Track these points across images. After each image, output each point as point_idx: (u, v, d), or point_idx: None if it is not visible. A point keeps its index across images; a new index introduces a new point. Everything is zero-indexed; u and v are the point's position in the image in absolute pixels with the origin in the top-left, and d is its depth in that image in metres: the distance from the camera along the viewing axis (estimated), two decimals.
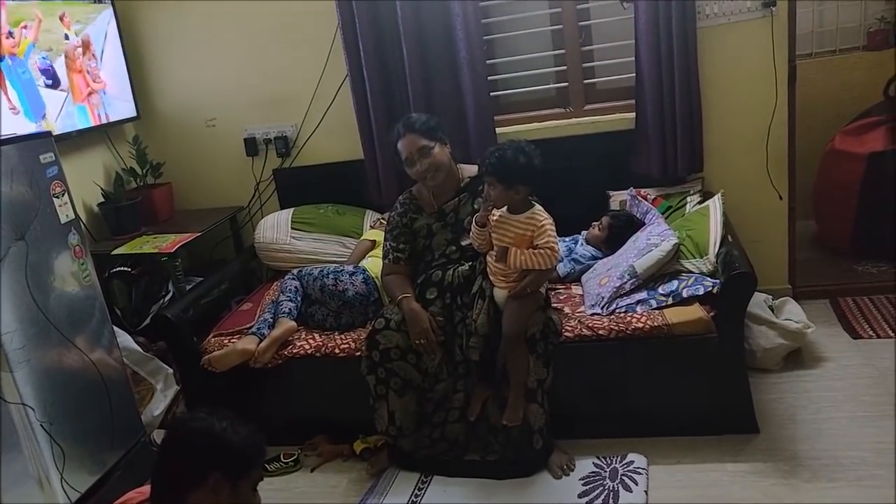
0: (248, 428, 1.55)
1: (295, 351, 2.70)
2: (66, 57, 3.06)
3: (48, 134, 2.39)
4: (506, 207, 2.39)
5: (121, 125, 3.48)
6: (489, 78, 3.19)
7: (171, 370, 2.88)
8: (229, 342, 2.77)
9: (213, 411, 1.56)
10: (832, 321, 3.11)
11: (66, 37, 3.09)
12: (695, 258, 2.60)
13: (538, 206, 2.39)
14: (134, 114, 3.48)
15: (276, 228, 3.30)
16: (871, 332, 2.97)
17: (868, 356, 2.81)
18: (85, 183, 3.24)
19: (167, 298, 3.18)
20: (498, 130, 3.21)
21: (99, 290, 2.49)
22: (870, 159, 3.50)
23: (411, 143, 2.51)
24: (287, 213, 3.36)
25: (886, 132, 3.56)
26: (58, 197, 2.32)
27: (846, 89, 3.90)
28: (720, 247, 2.59)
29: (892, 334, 2.93)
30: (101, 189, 3.30)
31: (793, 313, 2.87)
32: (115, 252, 3.09)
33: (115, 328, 2.63)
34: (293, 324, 2.75)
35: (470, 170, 2.65)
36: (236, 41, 3.43)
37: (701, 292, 2.47)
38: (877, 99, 3.67)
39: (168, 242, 3.08)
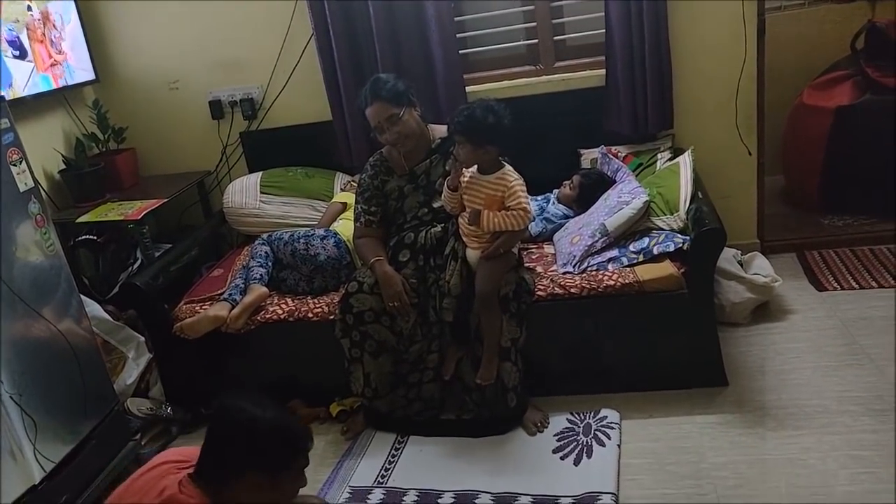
0: (293, 421, 1.60)
1: (268, 316, 2.69)
2: (27, 28, 2.99)
3: (1, 98, 2.30)
4: (476, 168, 2.37)
5: (80, 88, 3.37)
6: (458, 35, 3.13)
7: (142, 338, 2.86)
8: (201, 309, 2.74)
9: (259, 401, 1.57)
10: (799, 274, 3.17)
11: (29, 8, 3.02)
12: (665, 215, 2.62)
13: (508, 167, 2.38)
14: (93, 76, 3.37)
15: (244, 193, 3.25)
16: (835, 285, 3.04)
17: (832, 308, 2.88)
18: (44, 150, 3.15)
19: (135, 266, 3.13)
20: (468, 89, 3.17)
21: (64, 260, 2.44)
22: (837, 113, 3.52)
23: (379, 111, 2.45)
24: (256, 177, 3.31)
25: (853, 86, 3.58)
26: (15, 165, 2.24)
27: (815, 42, 3.90)
28: (690, 203, 2.61)
29: (855, 286, 3.00)
30: (62, 156, 3.21)
31: (761, 268, 2.91)
32: (80, 220, 3.02)
33: (84, 297, 2.58)
34: (265, 290, 2.73)
35: (441, 130, 2.62)
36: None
37: (671, 249, 2.49)
38: (844, 52, 3.68)
39: (134, 209, 3.02)
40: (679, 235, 2.53)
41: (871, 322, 2.73)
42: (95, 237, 3.12)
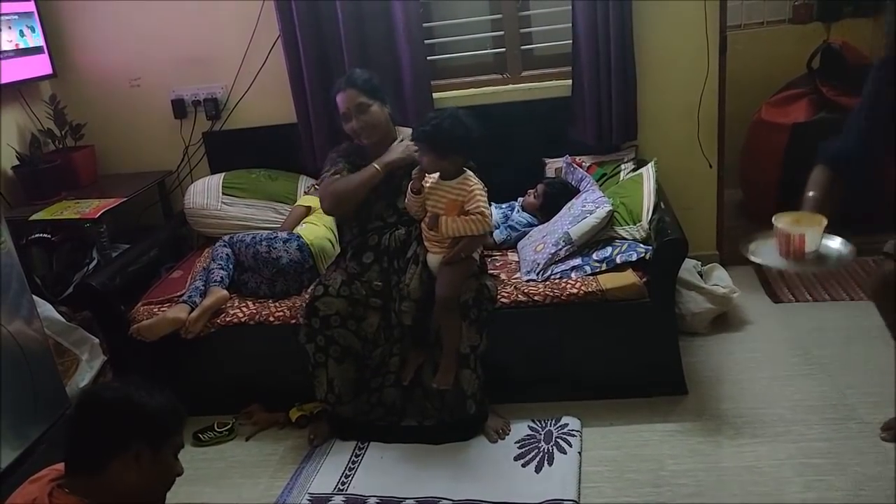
0: (166, 394, 1.53)
1: (228, 319, 2.64)
2: None
3: None
4: (438, 174, 2.38)
5: (35, 83, 3.28)
6: (426, 42, 3.14)
7: (97, 340, 2.78)
8: (159, 311, 2.69)
9: (127, 381, 1.53)
10: (756, 286, 3.24)
11: None
12: (628, 225, 2.65)
13: (469, 172, 2.39)
14: (50, 71, 3.28)
15: (206, 194, 3.20)
16: (790, 297, 3.11)
17: (787, 319, 2.95)
18: None
19: (91, 266, 3.05)
20: (435, 95, 3.17)
21: (16, 258, 2.36)
22: (794, 130, 3.62)
23: (350, 98, 2.46)
24: (218, 178, 3.26)
25: (809, 103, 3.69)
26: None
27: (773, 61, 4.01)
28: (653, 214, 2.65)
29: (809, 298, 3.07)
30: (16, 151, 3.12)
31: (720, 279, 2.97)
32: (33, 218, 2.94)
33: (36, 298, 2.51)
34: (225, 293, 2.69)
35: (407, 132, 2.61)
36: None
37: (634, 258, 2.52)
38: (801, 71, 3.79)
39: (91, 208, 2.95)
40: (641, 245, 2.56)
41: (823, 333, 2.81)
42: (49, 236, 3.03)
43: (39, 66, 3.23)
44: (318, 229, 2.88)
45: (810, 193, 2.06)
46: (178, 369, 2.68)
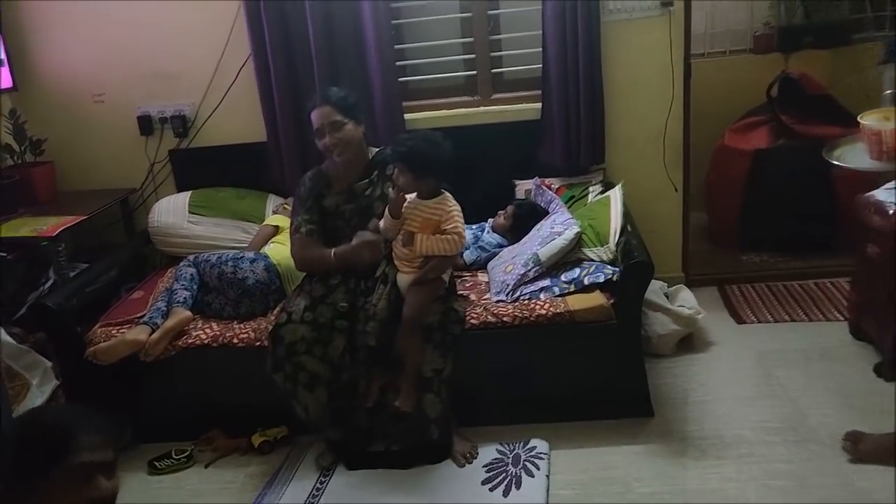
0: (102, 417, 1.49)
1: (190, 341, 2.58)
2: None
3: None
4: (415, 194, 2.38)
5: None
6: (397, 63, 3.15)
7: (49, 364, 2.68)
8: (118, 332, 2.61)
9: (68, 405, 1.50)
10: (720, 307, 3.29)
11: None
12: (596, 246, 2.67)
13: (448, 194, 2.39)
14: (10, 84, 3.21)
15: (172, 212, 3.14)
16: (753, 318, 3.16)
17: (750, 340, 2.99)
18: None
19: (47, 286, 2.96)
20: (406, 116, 3.18)
21: None
22: (755, 156, 3.71)
23: (325, 114, 2.45)
24: (184, 197, 3.21)
25: (769, 131, 3.78)
26: None
27: (735, 89, 4.11)
28: (620, 236, 2.67)
29: (770, 319, 3.13)
30: None
31: (686, 300, 3.00)
32: None
33: None
34: (188, 314, 2.63)
35: (373, 152, 2.61)
36: (128, 8, 3.19)
37: (601, 280, 2.53)
38: (761, 99, 3.88)
39: (49, 226, 2.87)
40: (609, 266, 2.58)
41: (784, 354, 2.85)
42: (4, 254, 2.94)
43: None
44: (285, 249, 2.83)
45: (887, 91, 1.99)
46: (136, 394, 2.61)
